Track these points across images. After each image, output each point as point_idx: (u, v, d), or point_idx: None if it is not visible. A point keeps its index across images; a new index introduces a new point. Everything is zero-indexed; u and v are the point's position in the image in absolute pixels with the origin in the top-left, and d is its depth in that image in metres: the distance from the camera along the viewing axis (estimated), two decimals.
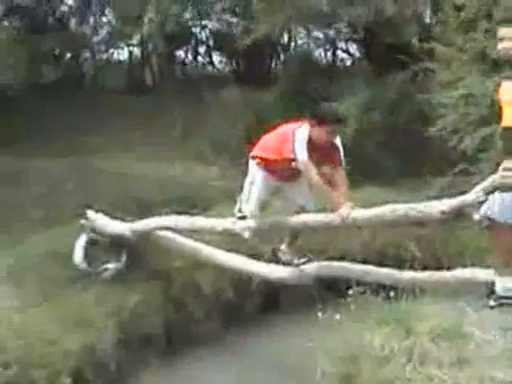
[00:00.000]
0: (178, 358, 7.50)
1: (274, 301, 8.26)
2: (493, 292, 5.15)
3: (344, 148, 6.10)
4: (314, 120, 6.00)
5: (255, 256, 7.39)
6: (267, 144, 6.33)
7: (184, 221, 7.37)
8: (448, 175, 8.79)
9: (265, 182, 6.34)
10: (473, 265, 6.12)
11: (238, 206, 6.59)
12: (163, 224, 7.58)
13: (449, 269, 6.05)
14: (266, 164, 6.27)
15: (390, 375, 4.24)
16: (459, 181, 8.45)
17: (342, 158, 6.11)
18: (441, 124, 8.81)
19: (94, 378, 6.87)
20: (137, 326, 7.51)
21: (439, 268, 6.42)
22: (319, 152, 5.99)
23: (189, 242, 7.65)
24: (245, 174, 6.56)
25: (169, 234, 7.71)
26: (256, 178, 6.36)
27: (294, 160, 5.95)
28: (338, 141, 6.11)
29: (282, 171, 6.24)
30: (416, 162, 10.43)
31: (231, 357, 7.40)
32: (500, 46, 5.04)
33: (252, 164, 6.39)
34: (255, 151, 6.39)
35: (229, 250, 7.45)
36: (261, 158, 6.29)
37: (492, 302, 5.10)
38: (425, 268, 6.65)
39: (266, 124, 12.35)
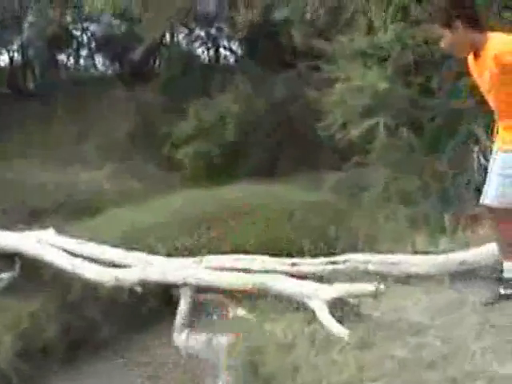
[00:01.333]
0: (80, 364, 7.45)
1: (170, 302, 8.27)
2: (500, 279, 5.11)
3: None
4: None
5: None
6: None
7: None
8: (343, 169, 9.05)
9: None
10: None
11: None
12: None
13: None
14: None
15: (295, 361, 4.37)
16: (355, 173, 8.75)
17: None
18: (330, 118, 9.05)
19: None
20: (36, 335, 7.41)
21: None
22: None
23: None
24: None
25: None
26: None
27: None
28: None
29: None
30: (309, 157, 10.68)
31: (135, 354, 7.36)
32: None
33: None
34: None
35: None
36: None
37: (502, 290, 5.05)
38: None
39: (150, 123, 12.58)
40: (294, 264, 6.20)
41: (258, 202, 9.34)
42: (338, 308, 5.35)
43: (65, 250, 7.26)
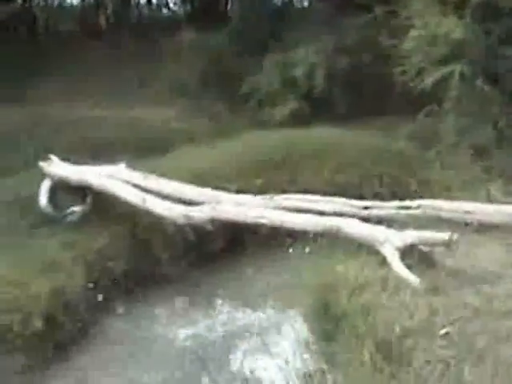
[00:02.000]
0: (145, 299, 7.56)
1: (240, 241, 8.29)
2: None
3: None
4: None
5: None
6: None
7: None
8: (416, 117, 8.92)
9: None
10: None
11: None
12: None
13: None
14: None
15: (366, 302, 4.35)
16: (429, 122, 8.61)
17: None
18: (406, 65, 8.87)
19: (64, 321, 6.90)
20: (105, 268, 7.52)
21: None
22: None
23: None
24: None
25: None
26: None
27: None
28: None
29: None
30: (382, 104, 10.52)
31: (199, 295, 7.44)
32: None
33: None
34: None
35: None
36: None
37: None
38: None
39: (221, 66, 12.49)
40: (365, 207, 6.14)
41: (329, 146, 9.23)
42: (410, 254, 5.27)
43: (135, 186, 7.27)
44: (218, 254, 7.99)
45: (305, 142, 9.20)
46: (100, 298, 7.34)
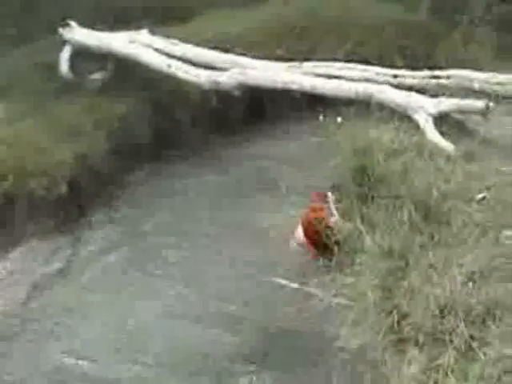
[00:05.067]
0: (166, 162, 7.61)
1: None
2: None
3: None
4: None
5: None
6: None
7: None
8: None
9: None
10: None
11: None
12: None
13: None
14: None
15: (402, 166, 4.36)
16: None
17: None
18: None
19: (87, 186, 6.96)
20: (126, 134, 7.52)
21: None
22: None
23: None
24: None
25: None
26: None
27: None
28: None
29: None
30: None
31: (220, 160, 7.48)
32: None
33: None
34: None
35: None
36: None
37: None
38: None
39: None
40: (395, 76, 6.03)
41: (350, 17, 9.03)
42: (444, 122, 5.24)
43: (158, 51, 7.15)
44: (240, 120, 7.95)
45: (327, 13, 8.98)
46: (122, 162, 7.37)
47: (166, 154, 7.68)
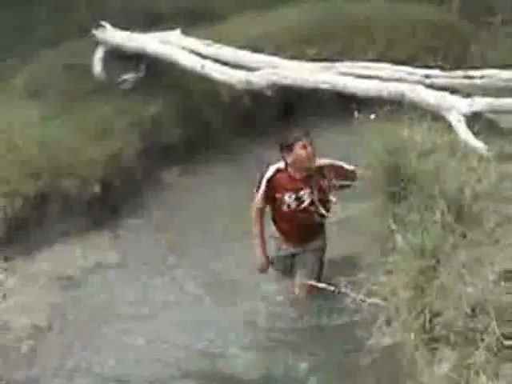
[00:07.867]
0: (197, 162, 7.71)
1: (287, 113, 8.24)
2: None
3: None
4: None
5: None
6: None
7: None
8: None
9: None
10: None
11: None
12: None
13: None
14: None
15: (435, 166, 4.34)
16: None
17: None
18: None
19: (120, 185, 7.03)
20: (158, 135, 7.58)
21: None
22: None
23: None
24: None
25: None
26: None
27: None
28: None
29: None
30: None
31: (250, 159, 7.48)
32: None
33: None
34: None
35: None
36: None
37: None
38: None
39: None
40: (427, 76, 6.00)
41: (379, 17, 9.01)
42: (476, 122, 5.20)
43: (191, 52, 7.19)
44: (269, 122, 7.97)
45: (357, 13, 8.97)
46: (154, 162, 7.43)
47: (198, 154, 7.74)
